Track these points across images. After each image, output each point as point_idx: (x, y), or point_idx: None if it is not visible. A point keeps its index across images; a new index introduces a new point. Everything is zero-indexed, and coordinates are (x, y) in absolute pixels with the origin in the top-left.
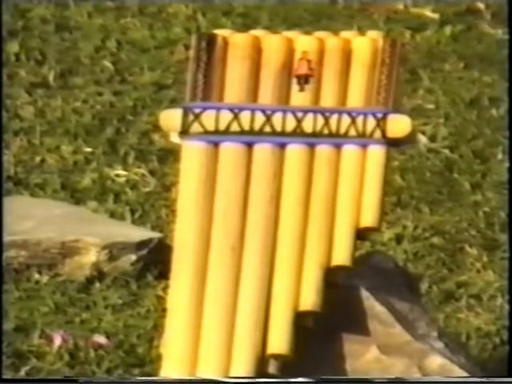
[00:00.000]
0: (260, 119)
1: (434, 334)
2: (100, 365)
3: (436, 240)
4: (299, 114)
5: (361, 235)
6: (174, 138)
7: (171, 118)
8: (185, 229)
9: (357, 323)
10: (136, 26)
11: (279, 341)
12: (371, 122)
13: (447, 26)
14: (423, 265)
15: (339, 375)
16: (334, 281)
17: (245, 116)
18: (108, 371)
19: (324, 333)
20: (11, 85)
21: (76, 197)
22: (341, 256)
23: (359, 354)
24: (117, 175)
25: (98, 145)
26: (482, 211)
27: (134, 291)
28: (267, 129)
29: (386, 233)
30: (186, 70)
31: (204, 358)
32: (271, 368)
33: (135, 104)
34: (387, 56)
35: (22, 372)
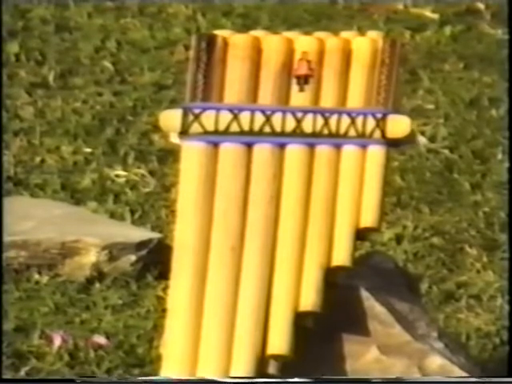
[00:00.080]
0: (260, 119)
1: (434, 335)
2: (100, 365)
3: (436, 240)
4: (299, 115)
5: (361, 235)
6: (174, 139)
7: (171, 119)
8: (185, 229)
9: (357, 323)
10: (136, 27)
11: (279, 341)
12: (371, 123)
13: (447, 26)
14: (423, 265)
15: (339, 375)
16: (334, 281)
17: (244, 116)
18: (108, 371)
19: (324, 333)
20: (11, 85)
21: (76, 197)
22: (341, 256)
23: (359, 355)
24: (117, 175)
25: (98, 145)
26: (482, 211)
27: (134, 291)
28: (267, 129)
29: (386, 233)
30: (186, 71)
31: (204, 358)
32: (271, 368)
33: (135, 104)
34: (387, 56)
35: (22, 372)
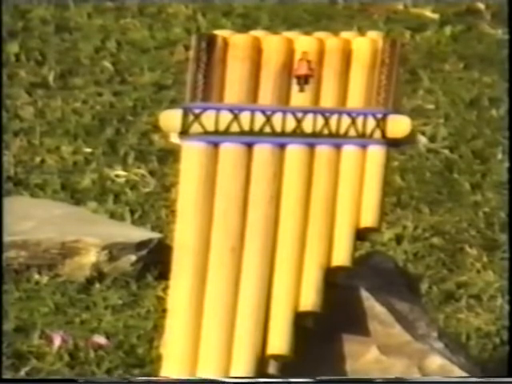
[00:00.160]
0: (260, 120)
1: (434, 335)
2: (100, 365)
3: (436, 240)
4: (299, 115)
5: (361, 235)
6: (174, 139)
7: (171, 119)
8: (185, 229)
9: (357, 323)
10: (136, 27)
11: (279, 341)
12: (371, 123)
13: (447, 27)
14: (423, 265)
15: (339, 375)
16: (334, 281)
17: (245, 116)
18: (108, 372)
19: (324, 333)
20: (11, 85)
21: (76, 197)
22: (341, 256)
23: (359, 355)
24: (117, 176)
25: (98, 145)
26: (482, 211)
27: (134, 292)
28: (267, 129)
29: (386, 233)
30: (186, 71)
31: (204, 358)
32: (271, 368)
33: (135, 104)
34: (387, 56)
35: (22, 372)
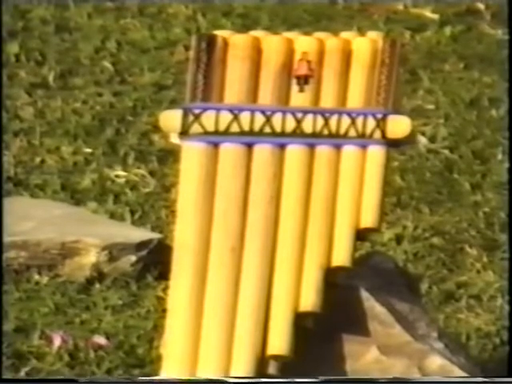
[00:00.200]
0: (260, 120)
1: (434, 335)
2: (100, 365)
3: (436, 240)
4: (299, 115)
5: (361, 236)
6: (174, 139)
7: (171, 119)
8: (185, 229)
9: (357, 324)
10: (136, 27)
11: (279, 342)
12: (371, 123)
13: (447, 27)
14: (423, 265)
15: (339, 376)
16: (334, 281)
17: (245, 117)
18: (108, 372)
19: (324, 333)
20: (11, 85)
21: (76, 197)
22: (341, 257)
23: (359, 355)
24: (117, 176)
25: (98, 145)
26: (482, 211)
27: (134, 292)
28: (267, 129)
29: (386, 233)
30: (186, 71)
31: (204, 358)
32: (271, 368)
33: (135, 105)
34: (387, 56)
35: (22, 372)
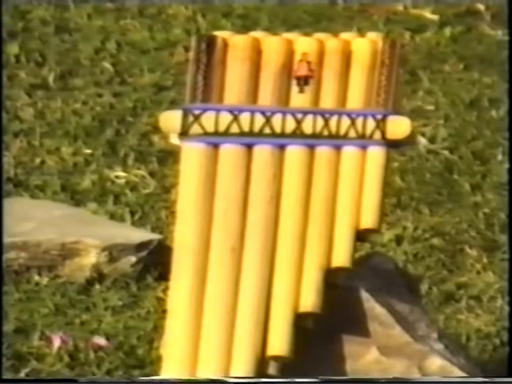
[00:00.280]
0: (260, 120)
1: (434, 336)
2: (100, 366)
3: (436, 241)
4: (299, 116)
5: (361, 236)
6: (174, 140)
7: (171, 120)
8: (185, 230)
9: (357, 324)
10: (136, 28)
11: (279, 342)
12: (371, 124)
13: (447, 27)
14: (423, 266)
15: (339, 376)
16: (334, 282)
17: (244, 117)
18: (108, 372)
19: (324, 334)
20: (11, 86)
21: (76, 198)
22: (341, 257)
23: (359, 355)
24: (116, 177)
25: (98, 146)
26: (482, 212)
27: (134, 293)
28: (267, 130)
29: (386, 234)
30: (186, 72)
31: (204, 359)
32: (271, 369)
33: (135, 105)
34: (387, 57)
35: (22, 373)
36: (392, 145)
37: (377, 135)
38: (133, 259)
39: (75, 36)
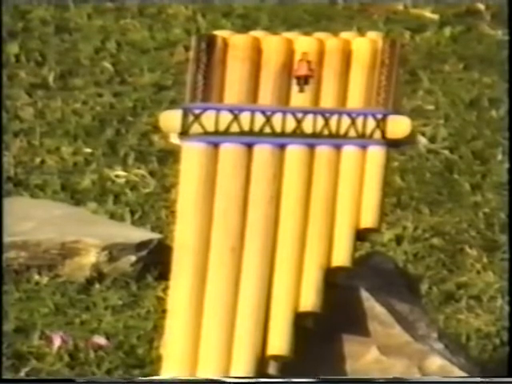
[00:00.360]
0: (260, 120)
1: (434, 335)
2: (100, 366)
3: (436, 241)
4: (299, 115)
5: (361, 236)
6: (174, 139)
7: (171, 119)
8: (185, 229)
9: (357, 324)
10: (136, 27)
11: (279, 342)
12: (371, 123)
13: (447, 27)
14: (423, 266)
15: (339, 376)
16: (334, 281)
17: (245, 117)
18: (108, 372)
19: (324, 333)
20: (11, 86)
21: (76, 198)
22: (341, 257)
23: (359, 355)
24: (117, 176)
25: (98, 146)
26: (482, 212)
27: (134, 292)
28: (267, 129)
29: (386, 234)
30: (186, 71)
31: (204, 359)
32: (271, 368)
33: (135, 105)
34: (387, 57)
35: (22, 373)
36: (392, 144)
37: (377, 135)
38: (133, 258)
39: (75, 36)
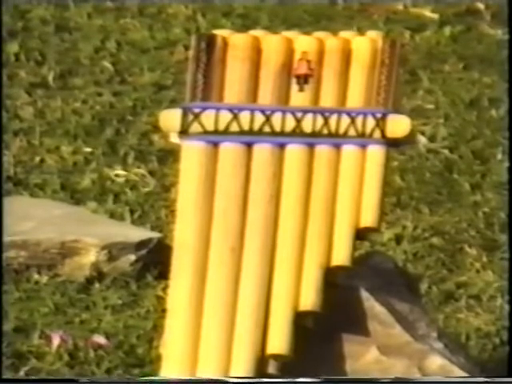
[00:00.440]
0: (259, 119)
1: (434, 335)
2: (100, 365)
3: (436, 240)
4: (299, 114)
5: (360, 235)
6: (174, 139)
7: (171, 118)
8: (184, 229)
9: (357, 324)
10: (136, 27)
11: (279, 341)
12: (371, 122)
13: (447, 27)
14: (423, 265)
15: (339, 376)
16: (334, 281)
17: (244, 116)
18: (108, 371)
19: (324, 333)
20: (11, 85)
21: (76, 197)
22: (340, 256)
23: (359, 355)
24: (116, 175)
25: (98, 145)
26: (482, 211)
27: (134, 291)
28: (267, 129)
29: (386, 233)
30: (186, 71)
31: (204, 358)
32: (271, 368)
33: (135, 104)
34: (387, 56)
35: (22, 372)
36: (392, 144)
37: (377, 134)
38: (132, 258)
39: (75, 35)
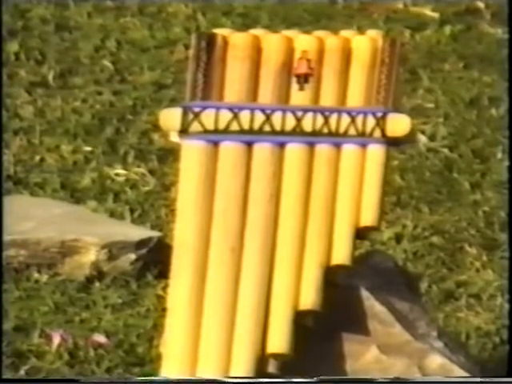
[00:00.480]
0: (260, 118)
1: (434, 334)
2: (100, 364)
3: (436, 239)
4: (299, 114)
5: (360, 234)
6: (174, 138)
7: (171, 118)
8: (184, 228)
9: (357, 323)
10: (136, 26)
11: (279, 340)
12: (371, 122)
13: (447, 26)
14: (423, 264)
15: (339, 375)
16: (334, 280)
17: (244, 115)
18: (108, 371)
19: (324, 332)
20: (11, 84)
21: (76, 196)
22: (340, 255)
23: (359, 354)
24: (116, 174)
25: (98, 144)
26: (482, 211)
27: (134, 290)
28: (267, 128)
29: (386, 232)
30: (186, 70)
31: (204, 358)
32: (271, 367)
33: (135, 103)
34: (387, 55)
35: (22, 371)
36: (392, 143)
37: (377, 133)
38: (132, 257)
39: (75, 34)
